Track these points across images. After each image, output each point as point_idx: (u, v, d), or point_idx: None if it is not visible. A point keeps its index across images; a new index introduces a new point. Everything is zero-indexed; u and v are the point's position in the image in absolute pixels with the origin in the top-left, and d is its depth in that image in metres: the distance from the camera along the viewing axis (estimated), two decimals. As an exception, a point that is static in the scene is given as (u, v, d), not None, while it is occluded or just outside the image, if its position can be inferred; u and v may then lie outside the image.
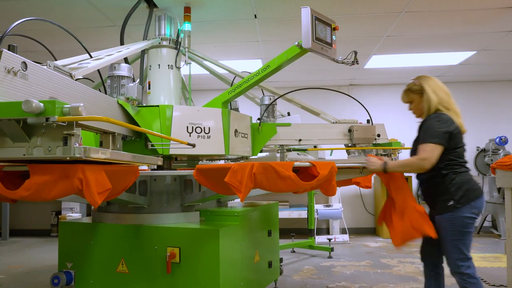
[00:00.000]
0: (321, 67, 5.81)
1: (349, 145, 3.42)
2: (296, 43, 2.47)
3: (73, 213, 6.38)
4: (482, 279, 3.82)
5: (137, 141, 2.69)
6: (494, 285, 3.63)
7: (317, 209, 5.93)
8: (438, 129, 2.24)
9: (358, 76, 6.44)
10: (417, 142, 2.42)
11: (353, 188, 6.69)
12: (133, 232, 2.72)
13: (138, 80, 3.24)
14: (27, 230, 6.95)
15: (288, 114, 4.44)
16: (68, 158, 1.44)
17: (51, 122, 1.36)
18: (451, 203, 2.23)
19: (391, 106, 6.71)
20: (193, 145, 2.40)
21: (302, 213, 5.96)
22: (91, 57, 2.35)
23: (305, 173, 2.06)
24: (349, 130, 3.46)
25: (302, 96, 5.64)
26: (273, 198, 6.26)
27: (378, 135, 3.43)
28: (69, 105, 1.39)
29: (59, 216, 6.53)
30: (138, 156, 1.95)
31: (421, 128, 2.39)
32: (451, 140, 2.28)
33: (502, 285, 3.59)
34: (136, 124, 2.57)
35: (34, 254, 5.31)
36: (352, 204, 6.82)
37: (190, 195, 2.79)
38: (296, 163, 1.99)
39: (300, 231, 6.30)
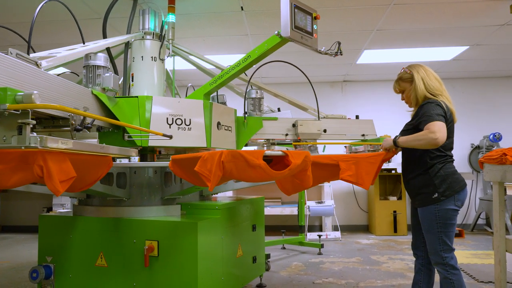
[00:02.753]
0: (313, 63, 5.76)
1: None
2: (276, 32, 2.42)
3: (64, 209, 6.34)
4: (471, 275, 3.77)
5: (115, 132, 2.64)
6: (482, 282, 3.58)
7: (309, 206, 5.89)
8: (438, 111, 2.19)
9: (352, 72, 6.38)
10: (407, 132, 2.37)
11: (346, 185, 6.63)
12: (112, 225, 2.68)
13: (123, 78, 3.21)
14: (19, 226, 6.92)
15: (279, 109, 4.40)
16: (23, 147, 1.39)
17: (1, 110, 1.31)
18: (436, 195, 2.21)
19: (385, 102, 6.67)
20: (170, 137, 2.35)
21: (294, 210, 5.90)
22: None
23: (281, 163, 2.01)
24: (293, 125, 3.41)
25: (294, 92, 5.61)
26: (265, 194, 6.22)
27: (325, 131, 3.40)
28: (22, 93, 1.34)
29: (50, 212, 6.49)
30: (108, 147, 1.89)
31: (415, 116, 2.32)
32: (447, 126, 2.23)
33: (490, 282, 3.54)
34: (113, 116, 2.52)
35: (23, 250, 5.28)
36: (345, 201, 6.78)
37: (170, 187, 2.74)
38: (267, 152, 1.94)
39: (292, 228, 6.26)
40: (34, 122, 1.39)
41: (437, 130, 2.11)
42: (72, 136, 1.41)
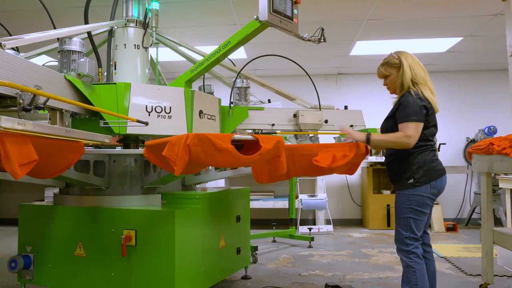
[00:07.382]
0: (307, 55, 5.68)
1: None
2: (255, 16, 2.36)
3: (56, 202, 6.30)
4: (460, 269, 3.72)
5: (93, 120, 2.60)
6: (471, 275, 3.54)
7: (301, 199, 5.84)
8: (418, 105, 2.19)
9: (345, 65, 6.31)
10: (390, 119, 2.35)
11: (339, 179, 6.59)
12: (90, 214, 2.64)
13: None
14: (11, 219, 6.88)
15: (269, 101, 4.34)
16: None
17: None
18: (411, 181, 2.22)
19: (380, 95, 6.58)
20: (146, 123, 2.30)
21: (287, 204, 5.85)
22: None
23: (255, 149, 1.95)
24: (294, 115, 3.38)
25: (288, 85, 5.55)
26: (258, 187, 6.18)
27: (326, 121, 3.35)
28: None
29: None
30: (74, 131, 1.83)
31: (398, 105, 2.30)
32: (426, 117, 2.24)
33: (479, 275, 3.49)
34: (89, 102, 2.46)
35: (13, 242, 5.24)
36: (338, 195, 6.72)
37: (149, 176, 2.69)
38: (236, 135, 1.88)
39: (285, 222, 6.19)
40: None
41: (411, 134, 2.16)
42: (20, 116, 1.35)
